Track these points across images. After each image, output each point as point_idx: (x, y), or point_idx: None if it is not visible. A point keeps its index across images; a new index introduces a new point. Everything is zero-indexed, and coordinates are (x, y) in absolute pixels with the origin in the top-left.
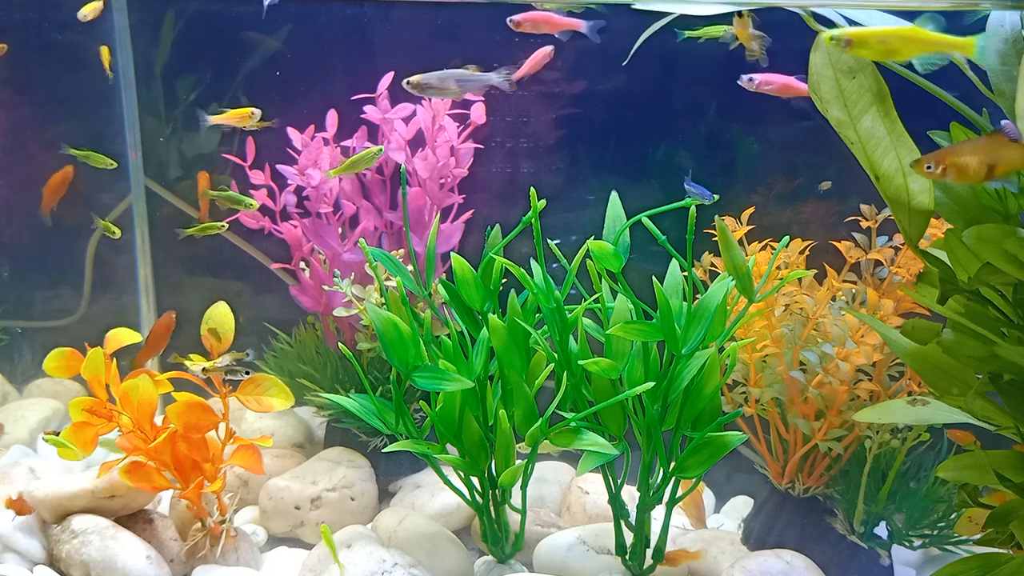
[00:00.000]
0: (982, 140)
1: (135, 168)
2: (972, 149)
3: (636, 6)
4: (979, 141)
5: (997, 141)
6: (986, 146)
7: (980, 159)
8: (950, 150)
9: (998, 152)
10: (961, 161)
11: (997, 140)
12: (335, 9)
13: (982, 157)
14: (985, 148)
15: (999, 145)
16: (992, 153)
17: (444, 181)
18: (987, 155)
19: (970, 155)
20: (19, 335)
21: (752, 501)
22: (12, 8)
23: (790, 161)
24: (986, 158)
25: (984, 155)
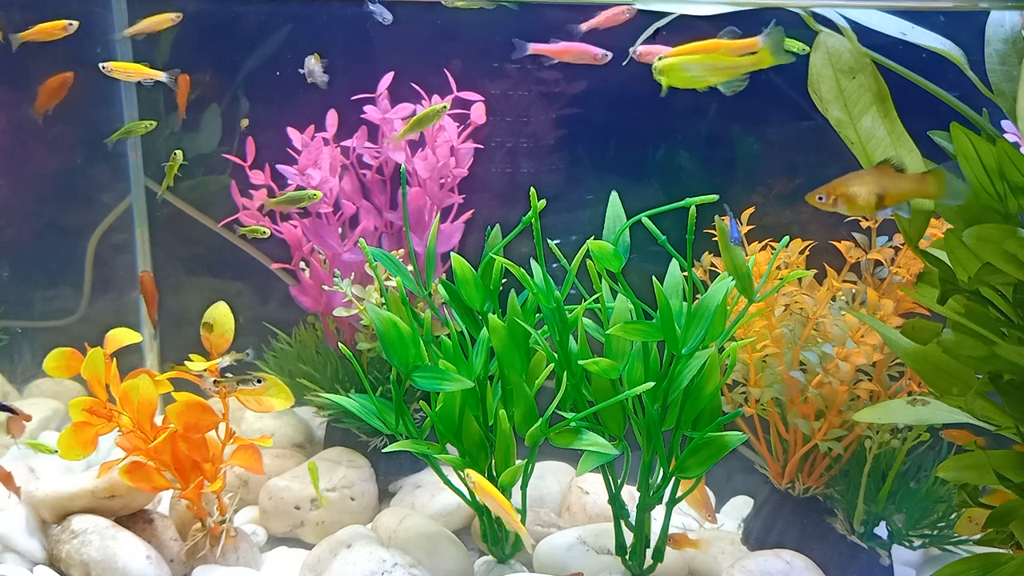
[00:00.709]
0: (871, 171)
1: (135, 168)
2: (861, 180)
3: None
4: (868, 172)
5: (885, 172)
6: (874, 177)
7: (869, 189)
8: (841, 181)
9: (886, 183)
10: (851, 192)
11: (885, 171)
12: (335, 9)
13: (871, 188)
14: (873, 179)
15: (887, 176)
16: (880, 184)
17: (444, 181)
18: (875, 186)
19: (859, 186)
20: (19, 335)
21: (752, 501)
22: (12, 8)
23: (790, 161)
24: (875, 188)
25: (872, 186)
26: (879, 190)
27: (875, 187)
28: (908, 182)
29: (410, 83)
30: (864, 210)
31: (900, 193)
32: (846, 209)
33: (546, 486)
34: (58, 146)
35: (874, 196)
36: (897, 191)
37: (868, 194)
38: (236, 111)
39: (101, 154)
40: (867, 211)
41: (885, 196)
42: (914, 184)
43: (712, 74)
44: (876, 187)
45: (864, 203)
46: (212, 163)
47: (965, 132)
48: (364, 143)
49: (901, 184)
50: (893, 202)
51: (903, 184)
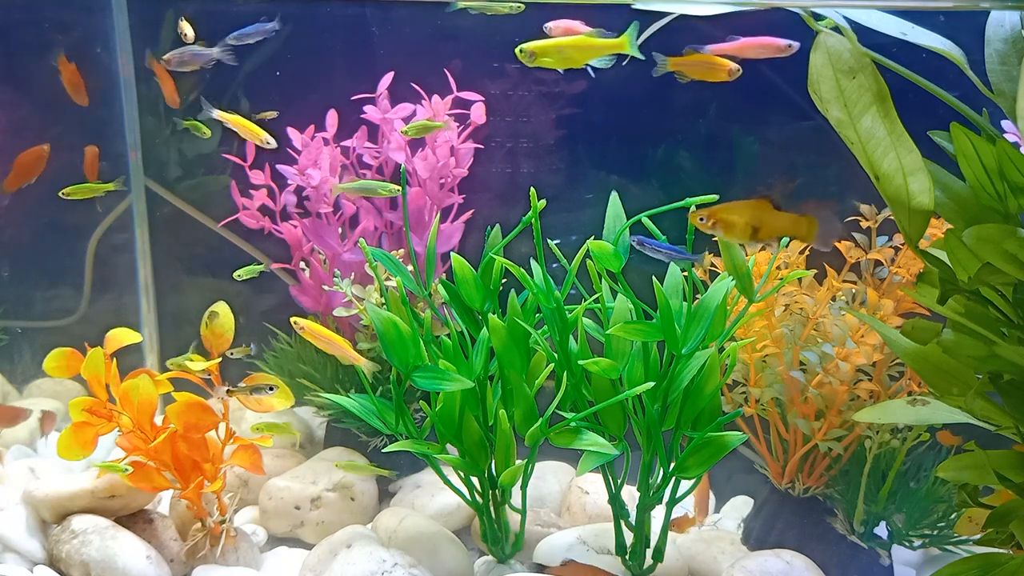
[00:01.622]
0: (751, 204)
1: (135, 168)
2: (740, 211)
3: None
4: (748, 204)
5: (763, 207)
6: (753, 211)
7: (746, 220)
8: (723, 208)
9: (762, 217)
10: (730, 219)
11: (763, 206)
12: (335, 9)
13: (748, 219)
14: (751, 211)
15: (764, 212)
16: (757, 217)
17: (444, 181)
18: (752, 218)
19: (738, 215)
20: (19, 335)
21: (752, 501)
22: (12, 8)
23: (790, 161)
24: (751, 220)
25: (750, 217)
26: (755, 223)
27: (752, 219)
28: (781, 220)
29: (410, 83)
30: (739, 238)
31: (773, 229)
32: (723, 234)
33: (546, 486)
34: (58, 146)
35: (750, 228)
36: (771, 227)
37: (745, 225)
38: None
39: (101, 154)
40: (742, 240)
41: (760, 229)
42: (786, 224)
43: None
44: (753, 220)
45: (740, 232)
46: (212, 163)
47: (965, 132)
48: (364, 143)
49: (775, 221)
50: (766, 236)
51: (777, 222)
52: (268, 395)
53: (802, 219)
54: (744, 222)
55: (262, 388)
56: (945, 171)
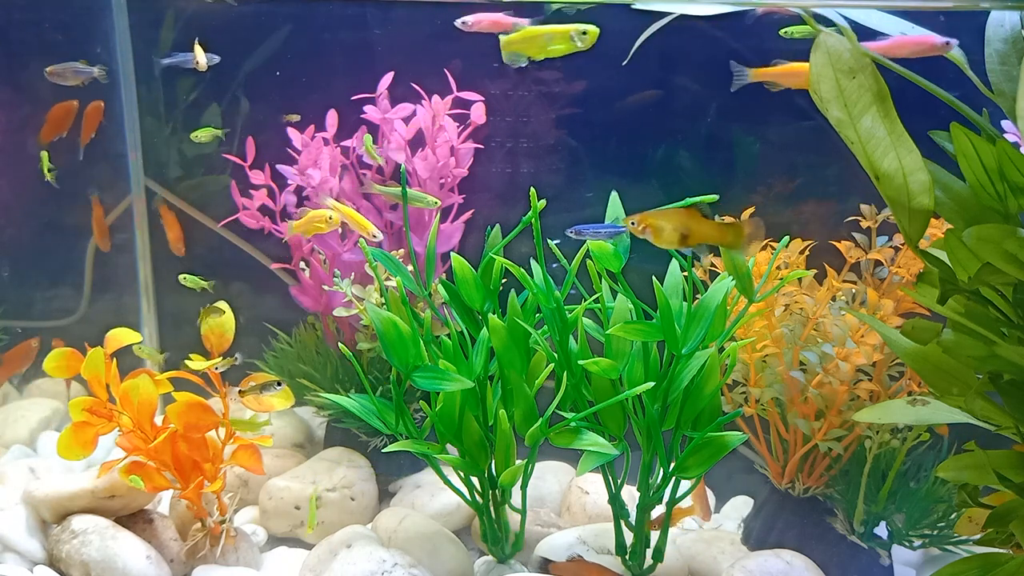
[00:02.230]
0: (680, 211)
1: (135, 168)
2: (670, 217)
3: (636, 6)
4: (678, 211)
5: (692, 215)
6: (682, 218)
7: (674, 226)
8: (654, 213)
9: (690, 224)
10: (659, 224)
11: (692, 214)
12: (335, 9)
13: (676, 225)
14: (680, 218)
15: (693, 219)
16: (686, 224)
17: (444, 181)
18: (681, 225)
19: (667, 221)
20: (19, 335)
21: (752, 501)
22: (12, 8)
23: (790, 161)
24: (680, 227)
25: (678, 224)
26: (684, 230)
27: (681, 226)
28: (709, 228)
29: (410, 83)
30: (668, 244)
31: (701, 236)
32: (652, 239)
33: (546, 486)
34: (58, 146)
35: (678, 234)
36: (699, 234)
37: (673, 230)
38: (236, 111)
39: (101, 154)
40: (671, 245)
41: (689, 236)
42: (714, 231)
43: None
44: (681, 226)
45: (669, 237)
46: (212, 163)
47: (965, 132)
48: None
49: (703, 229)
50: (695, 242)
51: (705, 229)
52: (277, 390)
53: (728, 227)
54: (673, 228)
55: (270, 385)
56: (945, 171)
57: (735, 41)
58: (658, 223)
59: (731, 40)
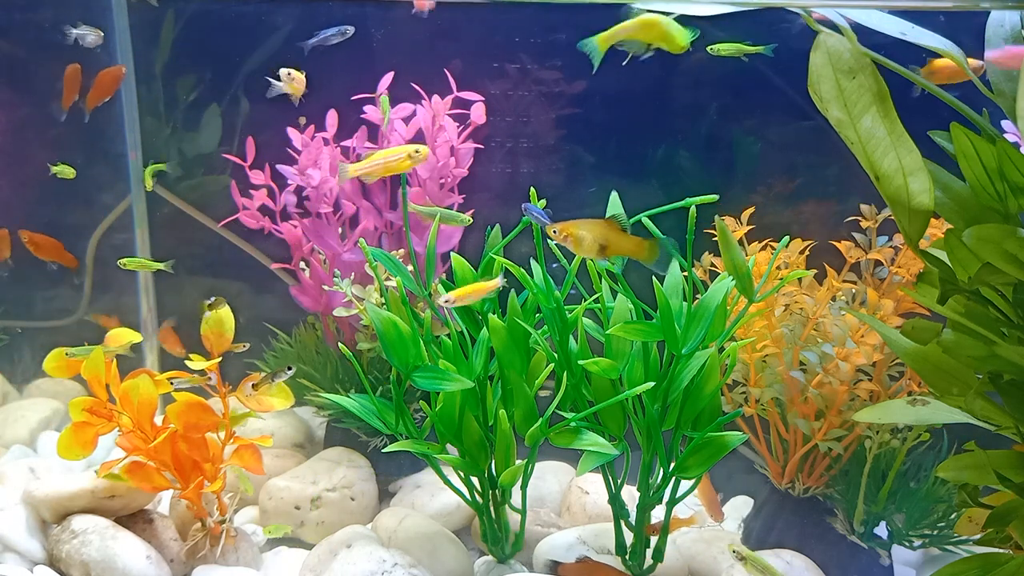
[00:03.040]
0: (599, 223)
1: (135, 168)
2: (589, 228)
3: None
4: (597, 223)
5: (611, 228)
6: (601, 230)
7: (594, 237)
8: (574, 223)
9: (608, 235)
10: (579, 234)
11: (611, 225)
12: (335, 9)
13: (595, 236)
14: (599, 230)
15: (611, 231)
16: (604, 236)
17: (444, 181)
18: (600, 236)
19: (587, 232)
20: (19, 335)
21: (752, 501)
22: (12, 8)
23: (790, 161)
24: (599, 238)
25: (597, 235)
26: (603, 241)
27: (600, 237)
28: (626, 241)
29: (410, 83)
30: (587, 254)
31: (618, 248)
32: (573, 248)
33: (546, 486)
34: (58, 146)
35: (598, 245)
36: (616, 246)
37: (592, 241)
38: (236, 111)
39: (101, 154)
40: (590, 255)
41: (607, 247)
42: (630, 244)
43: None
44: (600, 238)
45: (588, 248)
46: (212, 163)
47: (965, 132)
48: (364, 143)
49: (620, 242)
50: (612, 254)
51: (622, 242)
52: (289, 374)
53: (644, 242)
54: (592, 239)
55: (281, 372)
56: (945, 171)
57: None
58: (579, 233)
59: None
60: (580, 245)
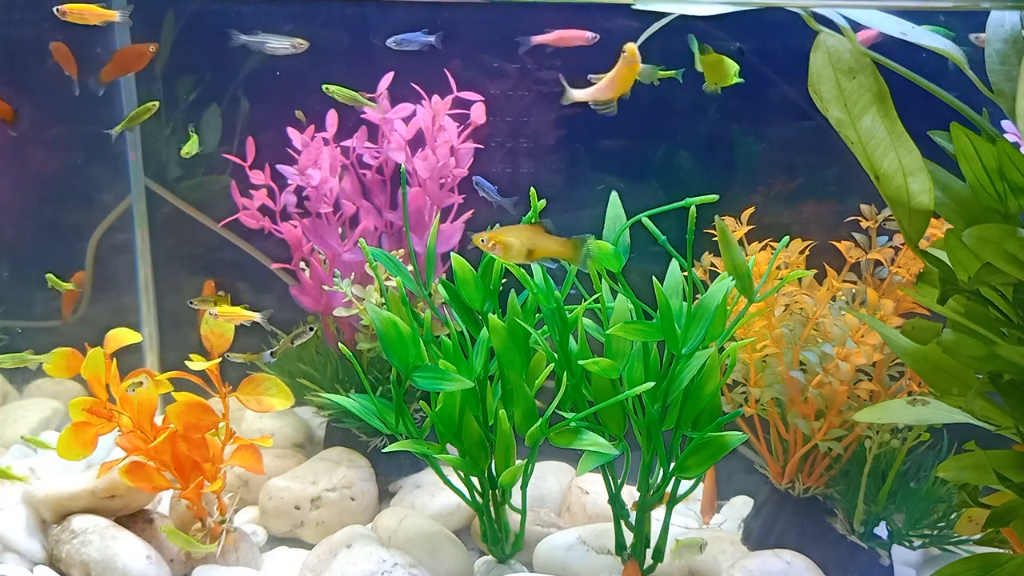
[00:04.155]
0: (525, 228)
1: (135, 168)
2: (517, 234)
3: (636, 6)
4: (524, 228)
5: (536, 232)
6: (527, 234)
7: (522, 242)
8: (502, 230)
9: (536, 240)
10: (507, 241)
11: (537, 231)
12: (335, 9)
13: (523, 241)
14: (526, 236)
15: (537, 235)
16: (531, 240)
17: (444, 181)
18: (528, 241)
19: (515, 238)
20: (19, 335)
21: (752, 501)
22: (12, 8)
23: (790, 161)
24: (527, 243)
25: (525, 240)
26: (530, 245)
27: (527, 242)
28: (552, 243)
29: (410, 83)
30: (516, 259)
31: (545, 251)
32: (502, 255)
33: (546, 486)
34: (58, 146)
35: (525, 249)
36: (543, 249)
37: (520, 246)
38: (236, 111)
39: (101, 154)
40: (518, 260)
41: (534, 251)
42: (556, 246)
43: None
44: (527, 242)
45: (517, 253)
46: (212, 163)
47: (965, 132)
48: (364, 143)
49: (546, 244)
50: (539, 256)
51: (548, 244)
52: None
53: (568, 242)
54: (520, 244)
55: (302, 332)
56: (945, 171)
57: (735, 41)
58: (506, 240)
59: (731, 40)
60: (508, 251)
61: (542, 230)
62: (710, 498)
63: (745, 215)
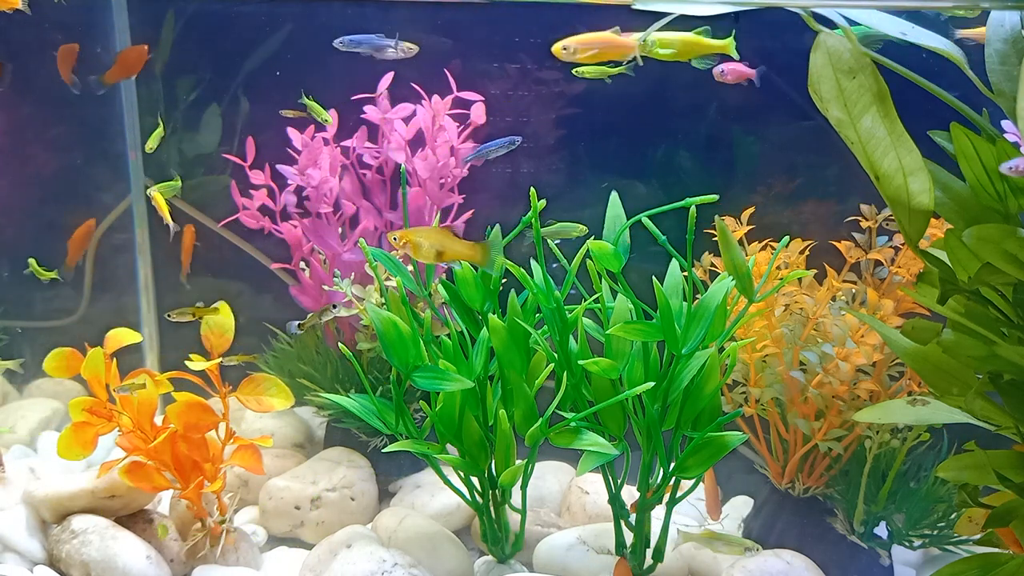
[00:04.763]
0: (435, 231)
1: (135, 168)
2: (427, 236)
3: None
4: (434, 230)
5: (445, 235)
6: (436, 237)
7: (431, 243)
8: (412, 231)
9: (444, 243)
10: (417, 241)
11: (446, 234)
12: (335, 9)
13: (433, 242)
14: (435, 238)
15: (446, 238)
16: (440, 243)
17: (444, 181)
18: (437, 243)
19: (424, 239)
20: (19, 335)
21: (752, 501)
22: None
23: (790, 161)
24: (435, 245)
25: (434, 242)
26: (439, 247)
27: (436, 244)
28: (459, 246)
29: (410, 83)
30: (426, 259)
31: (453, 253)
32: (412, 254)
33: (546, 486)
34: (58, 146)
35: (434, 250)
36: (451, 251)
37: (429, 247)
38: (236, 111)
39: (101, 154)
40: (427, 260)
41: (443, 253)
42: (464, 249)
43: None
44: (437, 244)
45: (426, 253)
46: (212, 163)
47: (965, 132)
48: (364, 143)
49: (454, 247)
50: (448, 258)
51: (456, 247)
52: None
53: (476, 245)
54: (429, 245)
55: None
56: (945, 171)
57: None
58: (416, 240)
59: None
60: (418, 251)
61: (451, 233)
62: (714, 496)
63: (745, 215)
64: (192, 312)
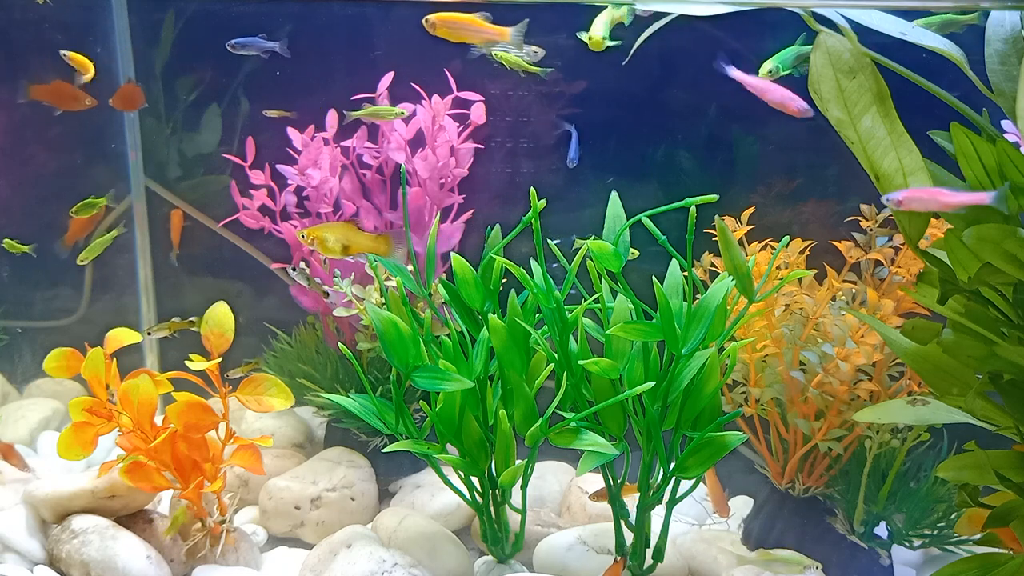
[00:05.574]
0: (341, 225)
1: (135, 168)
2: (332, 230)
3: (636, 6)
4: (339, 225)
5: (350, 229)
6: (341, 231)
7: (336, 238)
8: (320, 227)
9: (349, 236)
10: (323, 236)
11: (350, 228)
12: (335, 9)
13: (338, 237)
14: (340, 232)
15: (350, 232)
16: (346, 236)
17: (444, 181)
18: (342, 237)
19: (330, 234)
20: (19, 335)
21: (752, 501)
22: (12, 8)
23: (790, 161)
24: (341, 239)
25: (340, 236)
26: (345, 241)
27: (341, 238)
28: (364, 239)
29: (410, 83)
30: (332, 254)
31: (359, 246)
32: (320, 249)
33: (546, 486)
34: (58, 146)
35: (340, 244)
36: (356, 244)
37: (335, 242)
38: (236, 111)
39: (101, 154)
40: (335, 255)
41: (349, 246)
42: (368, 241)
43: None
44: (342, 238)
45: (332, 247)
46: (212, 163)
47: (965, 132)
48: (364, 143)
49: (359, 240)
50: (354, 251)
51: (360, 240)
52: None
53: (380, 237)
54: (335, 239)
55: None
56: (945, 171)
57: (735, 41)
58: (323, 235)
59: (732, 40)
60: (325, 246)
61: (355, 227)
62: (719, 495)
63: (745, 215)
64: (168, 327)
